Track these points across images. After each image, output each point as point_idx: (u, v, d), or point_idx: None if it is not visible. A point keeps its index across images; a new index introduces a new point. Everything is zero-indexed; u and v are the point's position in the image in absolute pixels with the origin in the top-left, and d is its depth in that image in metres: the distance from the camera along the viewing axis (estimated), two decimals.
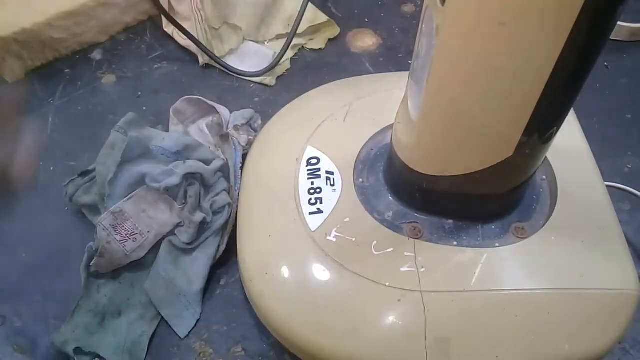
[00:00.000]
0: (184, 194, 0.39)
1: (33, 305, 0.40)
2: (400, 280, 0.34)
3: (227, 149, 0.43)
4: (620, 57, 0.54)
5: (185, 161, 0.40)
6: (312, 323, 0.34)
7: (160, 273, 0.39)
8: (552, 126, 0.30)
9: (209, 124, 0.45)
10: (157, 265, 0.39)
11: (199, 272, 0.39)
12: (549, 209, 0.37)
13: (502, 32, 0.24)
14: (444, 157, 0.32)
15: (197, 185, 0.40)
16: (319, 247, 0.35)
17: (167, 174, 0.39)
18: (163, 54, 0.55)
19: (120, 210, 0.39)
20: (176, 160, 0.41)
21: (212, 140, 0.44)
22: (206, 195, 0.41)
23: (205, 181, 0.40)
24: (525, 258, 0.34)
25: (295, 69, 0.54)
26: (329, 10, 0.58)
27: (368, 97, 0.43)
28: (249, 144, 0.44)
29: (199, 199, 0.40)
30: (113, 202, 0.39)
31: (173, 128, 0.46)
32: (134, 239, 0.39)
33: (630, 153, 0.47)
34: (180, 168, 0.39)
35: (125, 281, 0.40)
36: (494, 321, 0.33)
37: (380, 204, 0.37)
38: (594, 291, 0.33)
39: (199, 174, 0.40)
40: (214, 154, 0.42)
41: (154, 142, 0.41)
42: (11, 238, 0.43)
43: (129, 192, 0.40)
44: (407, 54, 0.55)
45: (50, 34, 0.52)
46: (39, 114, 0.51)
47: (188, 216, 0.39)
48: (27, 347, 0.38)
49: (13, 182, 0.29)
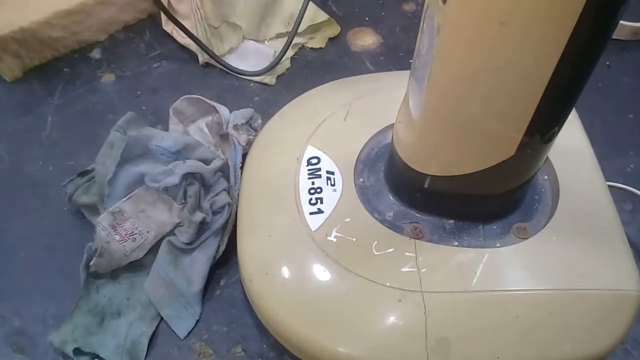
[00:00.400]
0: (184, 194, 0.39)
1: (32, 305, 0.40)
2: (401, 280, 0.33)
3: (227, 148, 0.43)
4: (623, 56, 0.54)
5: (184, 161, 0.40)
6: (312, 323, 0.34)
7: (160, 273, 0.39)
8: (554, 126, 0.30)
9: (208, 123, 0.45)
10: (157, 265, 0.39)
11: (198, 272, 0.39)
12: (551, 209, 0.36)
13: (503, 31, 0.24)
14: (445, 157, 0.32)
15: (197, 185, 0.40)
16: (320, 247, 0.35)
17: (166, 173, 0.39)
18: (162, 53, 0.55)
19: (120, 210, 0.39)
20: (176, 159, 0.40)
21: (212, 140, 0.44)
22: (206, 195, 0.40)
23: (205, 181, 0.40)
24: (526, 258, 0.34)
25: (295, 68, 0.54)
26: (329, 9, 0.58)
27: (369, 96, 0.43)
28: (249, 143, 0.43)
29: (198, 199, 0.40)
30: (112, 202, 0.39)
31: (173, 127, 0.46)
32: (133, 239, 0.39)
33: (632, 153, 0.47)
34: (180, 168, 0.39)
35: (124, 281, 0.40)
36: (495, 322, 0.32)
37: (381, 203, 0.37)
38: (595, 291, 0.33)
39: (198, 174, 0.40)
40: (213, 153, 0.42)
41: (153, 142, 0.41)
42: (11, 238, 0.43)
43: (128, 192, 0.39)
44: (407, 52, 0.55)
45: (48, 32, 0.52)
46: (37, 113, 0.50)
47: (188, 216, 0.39)
48: (26, 347, 0.38)
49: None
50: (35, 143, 0.49)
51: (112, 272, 0.40)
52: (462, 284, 0.33)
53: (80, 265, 0.39)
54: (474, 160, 0.31)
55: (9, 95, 0.52)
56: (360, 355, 0.33)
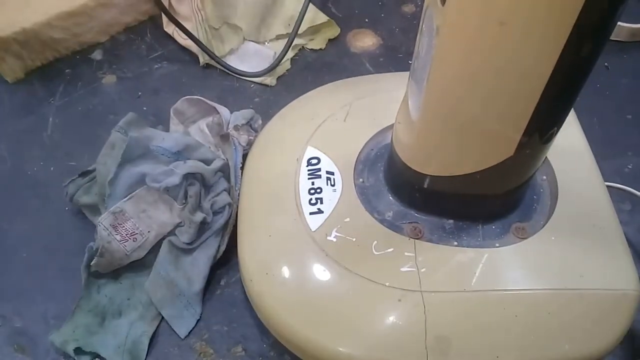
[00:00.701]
0: (184, 194, 0.39)
1: (33, 305, 0.40)
2: (401, 280, 0.34)
3: (228, 149, 0.43)
4: (621, 57, 0.54)
5: (185, 161, 0.40)
6: (312, 323, 0.34)
7: (161, 273, 0.39)
8: (553, 126, 0.30)
9: (209, 124, 0.45)
10: (158, 265, 0.39)
11: (199, 272, 0.39)
12: (550, 209, 0.37)
13: (502, 32, 0.24)
14: (444, 157, 0.32)
15: (198, 185, 0.40)
16: (319, 247, 0.35)
17: (167, 174, 0.39)
18: (163, 54, 0.55)
19: (121, 210, 0.39)
20: (176, 160, 0.41)
21: (213, 140, 0.44)
22: (206, 195, 0.41)
23: (206, 181, 0.40)
24: (525, 258, 0.34)
25: (295, 69, 0.54)
26: (329, 11, 0.58)
27: (368, 97, 0.43)
28: (249, 144, 0.44)
29: (199, 199, 0.40)
30: (113, 202, 0.39)
31: (173, 128, 0.46)
32: (134, 239, 0.39)
33: (630, 153, 0.47)
34: (181, 168, 0.39)
35: (125, 281, 0.40)
36: (494, 321, 0.33)
37: (380, 204, 0.37)
38: (594, 291, 0.33)
39: (199, 174, 0.40)
40: (214, 154, 0.42)
41: (154, 142, 0.41)
42: (11, 238, 0.43)
43: (129, 192, 0.40)
44: (407, 54, 0.55)
45: (50, 34, 0.52)
46: (39, 114, 0.51)
47: (188, 216, 0.39)
48: (27, 346, 0.38)
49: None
50: (36, 144, 0.49)
51: (113, 272, 0.40)
52: (461, 283, 0.33)
53: (81, 265, 0.39)
54: (473, 160, 0.31)
55: (10, 96, 0.52)
56: (359, 355, 0.33)
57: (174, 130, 0.46)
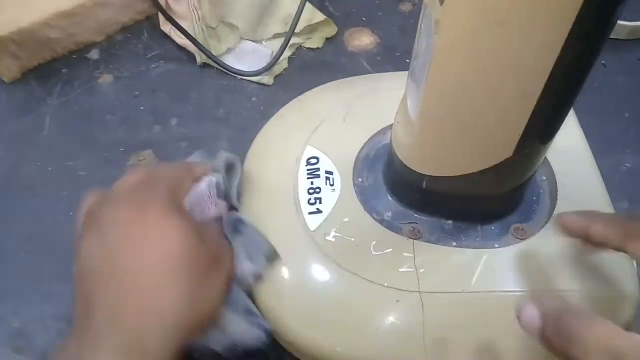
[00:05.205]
0: None
1: (31, 306, 0.40)
2: (399, 280, 0.34)
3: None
4: (619, 55, 0.54)
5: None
6: (311, 323, 0.34)
7: None
8: (552, 127, 0.30)
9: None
10: None
11: None
12: (549, 210, 0.37)
13: (501, 32, 0.24)
14: (443, 158, 0.32)
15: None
16: (318, 247, 0.35)
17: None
18: (160, 54, 0.55)
19: None
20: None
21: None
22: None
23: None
24: (524, 259, 0.34)
25: (293, 68, 0.54)
26: (326, 10, 0.58)
27: (368, 97, 0.43)
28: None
29: None
30: None
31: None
32: None
33: (628, 151, 0.47)
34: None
35: None
36: (493, 322, 0.33)
37: (379, 204, 0.37)
38: (593, 292, 0.33)
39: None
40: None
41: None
42: (9, 239, 0.43)
43: None
44: (405, 53, 0.55)
45: (47, 34, 0.51)
46: (36, 114, 0.50)
47: None
48: (25, 347, 0.38)
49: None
50: (33, 144, 0.48)
51: None
52: (460, 284, 0.33)
53: None
54: (472, 161, 0.31)
55: (7, 96, 0.52)
56: (358, 355, 0.33)
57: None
